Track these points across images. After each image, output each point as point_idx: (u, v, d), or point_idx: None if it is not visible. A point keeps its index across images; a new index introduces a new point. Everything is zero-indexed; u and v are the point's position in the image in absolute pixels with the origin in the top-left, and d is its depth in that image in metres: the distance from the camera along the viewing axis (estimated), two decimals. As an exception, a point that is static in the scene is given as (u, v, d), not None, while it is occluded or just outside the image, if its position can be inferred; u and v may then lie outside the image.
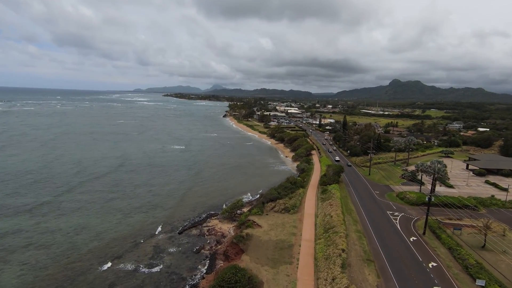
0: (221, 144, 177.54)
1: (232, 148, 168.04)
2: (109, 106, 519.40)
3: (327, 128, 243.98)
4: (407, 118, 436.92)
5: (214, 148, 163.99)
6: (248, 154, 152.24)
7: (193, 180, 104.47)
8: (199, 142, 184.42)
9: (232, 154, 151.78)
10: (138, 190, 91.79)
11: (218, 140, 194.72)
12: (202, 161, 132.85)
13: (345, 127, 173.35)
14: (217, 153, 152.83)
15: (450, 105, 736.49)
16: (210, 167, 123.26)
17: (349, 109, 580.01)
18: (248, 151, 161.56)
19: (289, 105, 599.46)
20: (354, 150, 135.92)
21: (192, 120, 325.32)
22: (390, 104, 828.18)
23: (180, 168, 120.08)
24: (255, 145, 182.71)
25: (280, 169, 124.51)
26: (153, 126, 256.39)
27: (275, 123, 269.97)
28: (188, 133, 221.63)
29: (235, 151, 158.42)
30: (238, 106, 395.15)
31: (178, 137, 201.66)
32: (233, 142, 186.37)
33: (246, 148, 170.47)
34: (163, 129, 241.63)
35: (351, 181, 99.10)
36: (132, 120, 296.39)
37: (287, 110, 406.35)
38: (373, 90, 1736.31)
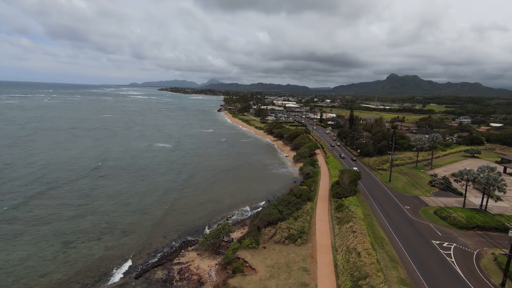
0: (214, 142, 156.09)
1: (226, 146, 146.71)
2: (100, 100, 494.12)
3: (329, 124, 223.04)
4: (410, 112, 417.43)
5: (206, 147, 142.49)
6: (243, 154, 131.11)
7: (180, 189, 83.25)
8: (191, 139, 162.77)
9: (226, 153, 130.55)
10: (107, 204, 70.42)
11: (211, 137, 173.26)
12: (192, 163, 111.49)
13: (352, 122, 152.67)
14: (209, 152, 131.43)
15: (449, 99, 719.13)
16: (201, 171, 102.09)
17: (348, 103, 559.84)
18: (243, 149, 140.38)
19: (287, 99, 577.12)
20: (366, 150, 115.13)
21: (185, 114, 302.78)
22: (389, 99, 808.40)
23: (166, 172, 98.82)
24: (251, 142, 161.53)
25: (280, 172, 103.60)
26: (142, 121, 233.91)
27: (273, 118, 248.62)
28: (180, 129, 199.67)
29: (229, 150, 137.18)
30: (233, 100, 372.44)
31: (168, 133, 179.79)
32: (227, 139, 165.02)
33: (242, 146, 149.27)
34: (153, 124, 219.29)
35: (368, 189, 78.46)
36: (121, 114, 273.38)
37: (285, 105, 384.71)
38: (371, 85, 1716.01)
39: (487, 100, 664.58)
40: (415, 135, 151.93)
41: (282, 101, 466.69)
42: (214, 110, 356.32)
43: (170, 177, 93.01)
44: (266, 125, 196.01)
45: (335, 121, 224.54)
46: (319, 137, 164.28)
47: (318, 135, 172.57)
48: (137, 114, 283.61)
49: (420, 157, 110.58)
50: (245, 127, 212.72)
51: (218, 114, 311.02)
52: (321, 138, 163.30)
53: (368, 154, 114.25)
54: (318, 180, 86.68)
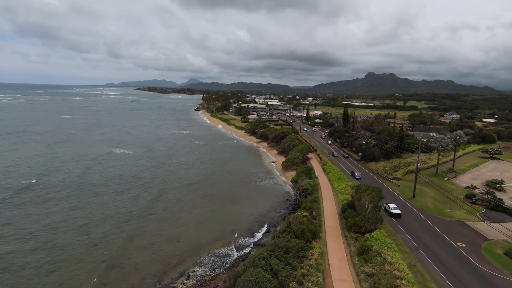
0: (189, 146, 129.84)
1: (202, 151, 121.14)
2: (68, 100, 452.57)
3: (317, 122, 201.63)
4: (394, 109, 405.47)
5: (180, 153, 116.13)
6: (222, 160, 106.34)
7: (136, 219, 57.48)
8: (163, 143, 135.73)
9: (202, 160, 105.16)
10: (22, 250, 43.95)
11: (186, 139, 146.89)
12: (161, 175, 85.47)
13: (347, 120, 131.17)
14: (182, 160, 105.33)
15: (427, 96, 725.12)
16: (170, 187, 76.35)
17: (330, 101, 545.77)
18: (222, 154, 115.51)
19: (268, 97, 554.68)
20: (371, 153, 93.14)
21: (160, 114, 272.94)
22: (369, 96, 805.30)
23: (125, 190, 72.61)
24: (231, 145, 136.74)
25: (267, 186, 79.72)
26: (110, 122, 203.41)
27: (255, 117, 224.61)
28: (152, 131, 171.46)
29: (206, 156, 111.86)
30: (212, 98, 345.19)
31: (138, 136, 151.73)
32: (204, 142, 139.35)
33: (221, 150, 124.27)
34: (122, 125, 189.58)
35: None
36: (87, 115, 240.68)
37: (268, 102, 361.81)
38: (350, 83, 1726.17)
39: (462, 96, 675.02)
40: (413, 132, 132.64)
41: (264, 99, 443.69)
42: (191, 109, 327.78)
43: (127, 199, 66.86)
44: (248, 124, 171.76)
45: (323, 119, 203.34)
46: (309, 138, 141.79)
47: (308, 135, 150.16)
48: (106, 115, 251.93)
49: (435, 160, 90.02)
50: (224, 127, 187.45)
51: (195, 114, 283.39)
52: (311, 138, 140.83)
53: (373, 158, 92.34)
54: (319, 199, 63.33)
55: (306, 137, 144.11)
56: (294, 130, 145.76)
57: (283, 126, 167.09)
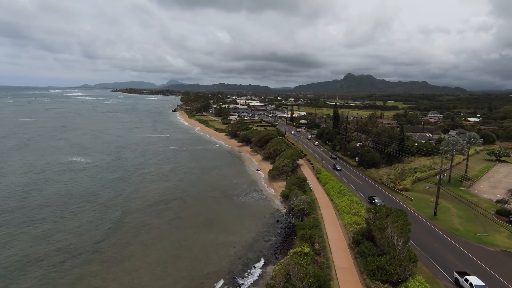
0: (161, 153, 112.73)
1: (176, 158, 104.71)
2: (36, 101, 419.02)
3: (303, 123, 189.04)
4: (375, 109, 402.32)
5: (151, 162, 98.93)
6: (198, 169, 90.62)
7: (83, 258, 41.28)
8: (134, 149, 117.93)
9: (175, 171, 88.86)
10: None
11: (158, 144, 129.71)
12: (125, 192, 68.45)
13: (337, 121, 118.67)
14: (152, 171, 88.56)
15: (404, 96, 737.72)
16: (134, 209, 59.81)
17: (312, 101, 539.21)
18: (199, 162, 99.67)
19: (250, 98, 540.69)
20: (370, 158, 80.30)
21: (135, 116, 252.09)
22: (349, 97, 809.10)
23: (76, 215, 55.56)
24: (210, 150, 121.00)
25: (253, 201, 65.01)
26: (77, 125, 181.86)
27: (236, 118, 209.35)
28: (124, 134, 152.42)
29: (180, 165, 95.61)
30: (190, 99, 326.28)
31: (107, 141, 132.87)
32: (179, 147, 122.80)
33: (197, 156, 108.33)
34: (90, 129, 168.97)
35: (412, 237, 42.48)
36: (52, 118, 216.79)
37: (249, 103, 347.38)
38: (329, 84, 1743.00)
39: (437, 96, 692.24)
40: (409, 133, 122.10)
41: (246, 100, 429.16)
42: (168, 111, 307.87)
43: (71, 229, 50.06)
44: (228, 126, 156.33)
45: (308, 119, 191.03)
46: (296, 140, 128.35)
47: (294, 138, 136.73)
48: (74, 117, 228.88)
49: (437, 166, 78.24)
50: (202, 130, 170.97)
51: (172, 115, 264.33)
52: (298, 141, 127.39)
53: (373, 163, 79.56)
54: (320, 222, 49.22)
55: (293, 139, 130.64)
56: (279, 132, 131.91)
57: (267, 128, 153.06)
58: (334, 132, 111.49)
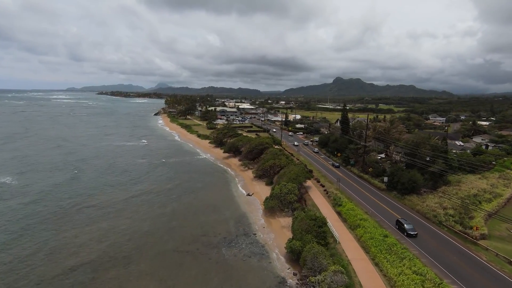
0: (125, 171, 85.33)
1: (140, 178, 78.39)
2: (8, 104, 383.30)
3: (299, 128, 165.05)
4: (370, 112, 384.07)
5: (108, 185, 71.95)
6: (166, 195, 64.97)
7: None
8: (95, 163, 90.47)
9: (132, 200, 62.71)
10: None
11: (126, 157, 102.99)
12: (42, 247, 42.43)
13: (346, 125, 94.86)
14: (102, 201, 62.08)
15: (395, 99, 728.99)
16: (61, 271, 33.85)
17: (303, 104, 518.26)
18: (168, 183, 73.82)
19: (239, 101, 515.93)
20: (408, 179, 56.09)
21: (111, 120, 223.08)
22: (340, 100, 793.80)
23: None
24: (188, 163, 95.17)
25: (240, 259, 39.83)
26: (42, 131, 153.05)
27: (224, 122, 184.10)
28: (94, 143, 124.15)
29: (143, 189, 69.59)
30: (173, 101, 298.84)
31: (69, 151, 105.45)
32: (149, 161, 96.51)
33: (169, 174, 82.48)
34: (56, 135, 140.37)
35: None
36: (15, 122, 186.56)
37: (239, 106, 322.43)
38: (318, 88, 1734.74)
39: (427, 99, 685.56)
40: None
41: (235, 103, 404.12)
42: (150, 114, 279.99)
43: None
44: (214, 132, 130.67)
45: (306, 124, 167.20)
46: (296, 150, 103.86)
47: (290, 145, 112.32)
48: (43, 121, 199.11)
49: (498, 189, 55.23)
50: (183, 136, 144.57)
51: (153, 119, 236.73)
52: (299, 151, 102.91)
53: (412, 188, 55.45)
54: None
55: (291, 148, 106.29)
56: (274, 140, 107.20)
57: (259, 134, 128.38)
58: (344, 141, 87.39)
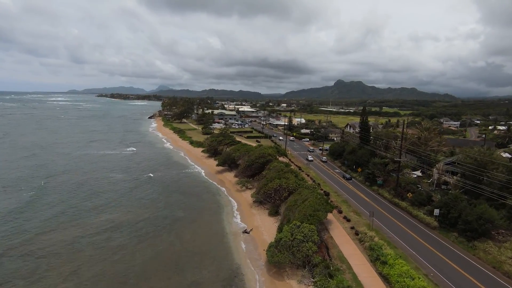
0: (97, 191, 67.82)
1: (114, 201, 60.99)
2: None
3: (304, 133, 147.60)
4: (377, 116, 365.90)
5: (69, 213, 54.76)
6: (136, 232, 47.49)
7: None
8: (66, 180, 73.04)
9: (97, 237, 45.47)
10: None
11: (104, 170, 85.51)
12: None
13: (366, 132, 77.71)
14: (49, 244, 45.01)
15: (398, 102, 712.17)
16: None
17: (305, 107, 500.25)
18: (146, 210, 56.40)
19: (240, 104, 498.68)
20: (475, 217, 38.61)
21: (102, 124, 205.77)
22: (342, 103, 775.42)
23: None
24: (174, 179, 77.62)
25: None
26: (19, 137, 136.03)
27: (222, 126, 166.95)
28: (72, 151, 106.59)
29: (109, 219, 52.25)
30: (169, 104, 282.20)
31: (40, 163, 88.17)
32: (128, 177, 78.97)
33: (148, 196, 65.03)
34: (32, 142, 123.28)
35: None
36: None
37: (239, 109, 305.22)
38: (320, 90, 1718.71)
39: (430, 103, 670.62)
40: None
41: (235, 105, 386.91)
42: (145, 117, 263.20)
43: None
44: (208, 138, 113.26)
45: (312, 129, 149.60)
46: (304, 163, 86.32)
47: (296, 154, 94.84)
48: (26, 125, 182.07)
49: None
50: (174, 143, 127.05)
51: (146, 122, 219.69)
52: (308, 165, 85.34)
53: (484, 230, 37.98)
54: None
55: (298, 159, 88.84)
56: (279, 149, 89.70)
57: (260, 141, 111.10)
58: (365, 153, 69.92)
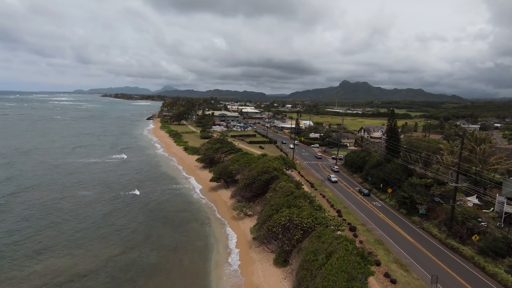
0: (59, 219, 53.71)
1: (67, 241, 46.63)
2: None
3: (313, 138, 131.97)
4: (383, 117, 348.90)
5: (10, 254, 41.07)
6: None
7: None
8: (25, 201, 59.19)
9: None
10: None
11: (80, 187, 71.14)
12: None
13: (395, 142, 62.32)
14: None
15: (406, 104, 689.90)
16: None
17: (311, 108, 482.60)
18: (108, 258, 41.76)
19: (244, 104, 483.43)
20: None
21: (97, 125, 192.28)
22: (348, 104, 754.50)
23: None
24: (157, 200, 62.95)
25: None
26: (2, 139, 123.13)
27: (222, 129, 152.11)
28: (53, 159, 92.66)
29: (57, 270, 37.77)
30: (169, 104, 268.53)
31: (8, 175, 74.64)
32: (108, 195, 64.68)
33: (120, 228, 50.48)
34: (16, 145, 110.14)
35: None
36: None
37: (242, 109, 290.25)
38: (325, 91, 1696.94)
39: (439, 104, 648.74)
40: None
41: (239, 106, 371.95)
42: (143, 118, 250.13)
43: None
44: (206, 144, 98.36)
45: (322, 133, 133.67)
46: (318, 178, 71.02)
47: (305, 164, 79.51)
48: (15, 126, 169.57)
49: None
50: (167, 149, 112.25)
51: (143, 124, 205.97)
52: (325, 183, 70.01)
53: None
54: None
55: (309, 172, 73.59)
56: (286, 160, 74.37)
57: (264, 147, 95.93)
58: (396, 168, 54.41)
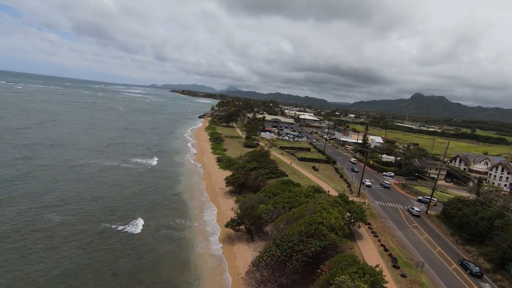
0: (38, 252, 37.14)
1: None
2: (75, 93, 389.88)
3: (385, 162, 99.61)
4: (473, 139, 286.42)
5: None
6: None
7: None
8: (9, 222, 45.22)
9: None
10: None
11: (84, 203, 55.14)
12: None
13: None
14: None
15: (495, 125, 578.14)
16: None
17: (378, 120, 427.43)
18: None
19: (303, 110, 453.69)
20: None
21: (149, 120, 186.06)
22: (422, 119, 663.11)
23: None
24: (156, 253, 42.00)
25: None
26: (51, 127, 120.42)
27: (272, 136, 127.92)
28: (78, 158, 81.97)
29: None
30: (223, 103, 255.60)
31: (14, 174, 63.85)
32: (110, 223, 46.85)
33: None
34: (51, 136, 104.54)
35: None
36: (38, 112, 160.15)
37: (299, 116, 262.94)
38: (393, 103, 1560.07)
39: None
40: None
41: (297, 111, 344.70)
42: (196, 116, 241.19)
43: None
44: (241, 158, 75.78)
45: (399, 157, 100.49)
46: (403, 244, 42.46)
47: (390, 225, 51.02)
48: (72, 114, 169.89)
49: None
50: (199, 158, 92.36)
51: (191, 122, 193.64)
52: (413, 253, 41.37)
53: None
54: None
55: (386, 228, 45.34)
56: (353, 209, 47.12)
57: (317, 169, 68.97)
58: None
